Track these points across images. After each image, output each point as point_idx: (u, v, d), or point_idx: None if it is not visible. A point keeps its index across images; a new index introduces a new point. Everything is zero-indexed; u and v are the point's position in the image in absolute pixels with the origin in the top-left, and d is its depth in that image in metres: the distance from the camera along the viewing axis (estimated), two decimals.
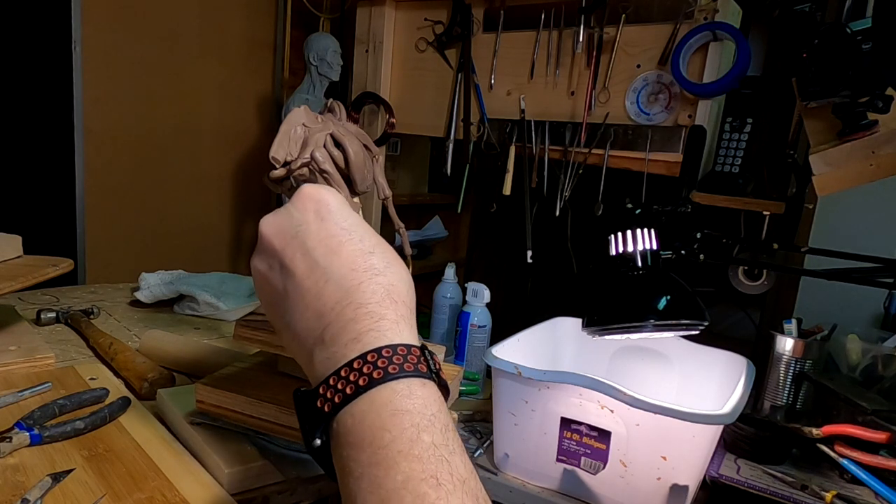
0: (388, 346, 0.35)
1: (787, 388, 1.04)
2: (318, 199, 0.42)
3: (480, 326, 1.21)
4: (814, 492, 0.85)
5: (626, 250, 0.81)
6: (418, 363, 0.35)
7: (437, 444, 0.32)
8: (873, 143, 0.76)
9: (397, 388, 0.34)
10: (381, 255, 0.40)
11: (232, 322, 1.11)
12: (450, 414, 0.36)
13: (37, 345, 0.84)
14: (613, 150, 1.23)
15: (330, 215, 0.41)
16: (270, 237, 0.41)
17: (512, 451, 0.93)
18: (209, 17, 2.03)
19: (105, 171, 1.84)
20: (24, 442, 0.58)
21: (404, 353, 0.35)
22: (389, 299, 0.38)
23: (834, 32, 0.74)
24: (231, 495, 0.56)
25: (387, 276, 0.39)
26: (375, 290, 0.38)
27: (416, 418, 0.33)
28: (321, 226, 0.40)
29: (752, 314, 1.51)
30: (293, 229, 0.41)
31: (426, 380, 0.35)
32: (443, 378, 0.37)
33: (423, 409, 0.34)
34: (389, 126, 1.54)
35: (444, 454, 0.32)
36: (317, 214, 0.41)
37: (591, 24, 1.22)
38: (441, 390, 0.37)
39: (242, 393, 0.58)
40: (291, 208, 0.42)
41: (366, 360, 0.35)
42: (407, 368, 0.35)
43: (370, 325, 0.37)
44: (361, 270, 0.39)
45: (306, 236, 0.40)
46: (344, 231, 0.40)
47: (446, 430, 0.33)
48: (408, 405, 0.33)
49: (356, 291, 0.38)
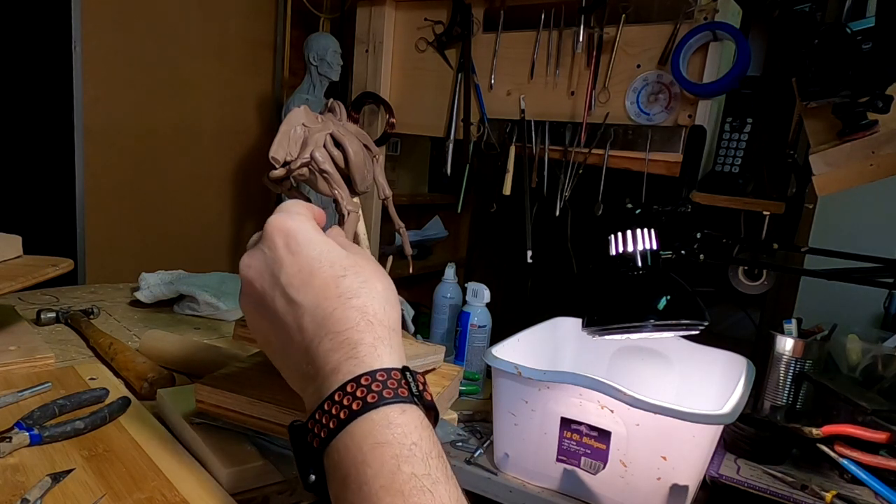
0: (367, 374, 0.35)
1: (787, 388, 1.04)
2: (285, 231, 0.41)
3: (480, 326, 1.21)
4: (814, 492, 0.85)
5: (626, 250, 0.81)
6: (398, 388, 0.35)
7: (419, 474, 0.32)
8: (873, 143, 0.76)
9: (376, 418, 0.34)
10: (353, 276, 0.39)
11: (232, 322, 1.11)
12: (434, 437, 0.35)
13: (37, 345, 0.84)
14: (613, 150, 1.23)
15: (299, 247, 0.40)
16: (251, 280, 0.41)
17: (512, 451, 0.93)
18: (209, 17, 2.03)
19: (105, 171, 1.84)
20: (23, 442, 0.58)
21: (383, 378, 0.35)
22: (365, 322, 0.38)
23: (834, 32, 0.74)
24: (231, 495, 0.56)
25: (361, 297, 0.38)
26: (350, 315, 0.38)
27: (396, 449, 0.33)
28: (293, 260, 0.40)
29: (752, 314, 1.51)
30: (268, 269, 0.41)
31: (406, 405, 0.35)
32: (427, 398, 0.37)
33: (403, 438, 0.33)
34: (389, 126, 1.54)
35: (427, 484, 0.31)
36: (287, 248, 0.40)
37: (591, 24, 1.22)
38: (427, 412, 0.36)
39: (242, 393, 0.58)
40: (263, 247, 0.41)
41: (345, 391, 0.35)
42: (386, 395, 0.34)
43: (348, 352, 0.36)
44: (334, 297, 0.38)
45: (280, 273, 0.40)
46: (314, 259, 0.40)
47: (428, 458, 0.33)
48: (387, 436, 0.33)
49: (330, 320, 0.37)
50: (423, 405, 0.36)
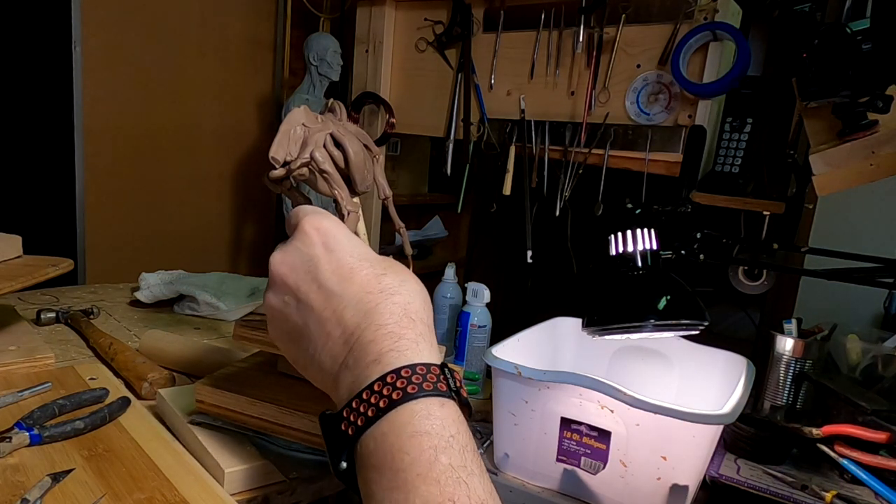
0: (408, 366, 0.36)
1: (787, 388, 1.04)
2: (323, 230, 0.42)
3: (480, 326, 1.21)
4: (814, 492, 0.85)
5: (626, 250, 0.81)
6: (438, 382, 0.36)
7: (456, 465, 0.32)
8: (873, 143, 0.76)
9: (416, 409, 0.34)
10: (393, 276, 0.41)
11: (232, 322, 1.11)
12: (470, 433, 0.36)
13: (37, 345, 0.84)
14: (613, 150, 1.23)
15: (338, 244, 0.42)
16: (284, 276, 0.42)
17: (512, 451, 0.93)
18: (209, 17, 2.03)
19: (105, 171, 1.84)
20: (23, 442, 0.58)
21: (423, 372, 0.36)
22: (407, 318, 0.39)
23: (834, 32, 0.74)
24: (231, 495, 0.56)
25: (402, 294, 0.40)
26: (393, 310, 0.39)
27: (435, 440, 0.33)
28: (331, 257, 0.41)
29: (752, 314, 1.51)
30: (304, 265, 0.42)
31: (445, 399, 0.36)
32: (464, 395, 0.38)
33: (442, 430, 0.34)
34: (389, 126, 1.54)
35: (463, 476, 0.32)
36: (325, 246, 0.42)
37: (591, 24, 1.22)
38: (462, 408, 0.37)
39: (242, 393, 0.58)
40: (298, 244, 0.43)
41: (385, 382, 0.35)
42: (426, 388, 0.35)
43: (390, 345, 0.37)
44: (377, 292, 0.39)
45: (318, 270, 0.41)
46: (354, 258, 0.41)
47: (465, 450, 0.34)
48: (426, 426, 0.34)
49: (374, 313, 0.39)
50: (459, 401, 0.37)
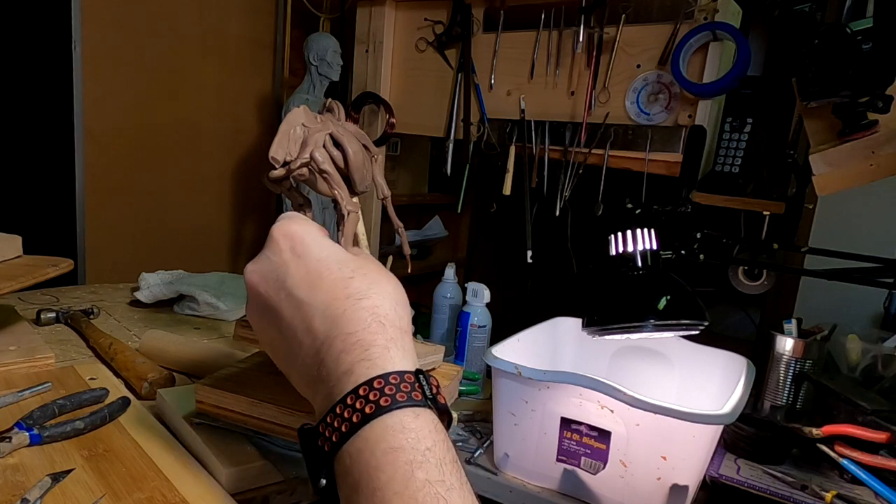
0: (380, 377, 0.35)
1: (787, 388, 1.04)
2: (290, 235, 0.41)
3: (480, 326, 1.21)
4: (814, 492, 0.85)
5: (626, 250, 0.81)
6: (412, 391, 0.35)
7: (433, 480, 0.31)
8: (873, 143, 0.76)
9: (389, 423, 0.33)
10: (361, 279, 0.39)
11: (232, 322, 1.11)
12: (448, 442, 0.34)
13: (37, 345, 0.84)
14: (613, 150, 1.23)
15: (305, 249, 0.41)
16: (256, 285, 0.41)
17: (512, 451, 0.93)
18: (209, 17, 2.03)
19: (105, 171, 1.84)
20: (23, 442, 0.58)
21: (396, 381, 0.34)
22: (377, 323, 0.37)
23: (834, 32, 0.74)
24: (231, 495, 0.56)
25: (371, 298, 0.38)
26: (361, 315, 0.37)
27: (410, 454, 0.32)
28: (299, 263, 0.40)
29: (752, 314, 1.51)
30: (274, 273, 0.41)
31: (420, 409, 0.34)
32: (441, 402, 0.36)
33: (417, 443, 0.33)
34: (389, 126, 1.54)
35: (441, 491, 0.31)
36: (293, 252, 0.41)
37: (591, 24, 1.22)
38: (440, 416, 0.36)
39: (242, 393, 0.58)
40: (268, 252, 0.42)
41: (358, 395, 0.34)
42: (399, 399, 0.34)
43: (360, 354, 0.36)
44: (344, 298, 0.38)
45: (286, 277, 0.40)
46: (321, 262, 0.40)
47: (442, 463, 0.33)
48: (400, 441, 0.33)
49: (342, 320, 0.37)
50: (436, 409, 0.36)
